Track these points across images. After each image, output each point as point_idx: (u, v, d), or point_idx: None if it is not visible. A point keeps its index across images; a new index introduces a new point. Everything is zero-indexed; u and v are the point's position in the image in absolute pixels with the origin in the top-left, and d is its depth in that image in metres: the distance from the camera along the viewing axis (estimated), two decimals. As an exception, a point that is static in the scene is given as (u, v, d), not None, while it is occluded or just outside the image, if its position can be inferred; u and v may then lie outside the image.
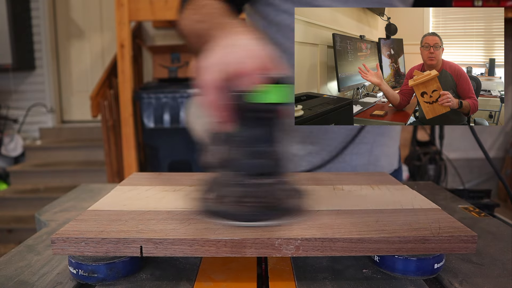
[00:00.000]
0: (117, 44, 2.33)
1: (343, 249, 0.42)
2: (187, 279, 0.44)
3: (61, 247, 0.42)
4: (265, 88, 0.40)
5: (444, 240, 0.42)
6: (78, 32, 3.72)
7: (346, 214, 0.48)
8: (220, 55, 0.42)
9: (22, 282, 0.43)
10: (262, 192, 0.43)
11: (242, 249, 0.41)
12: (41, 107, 3.60)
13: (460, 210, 0.67)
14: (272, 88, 0.40)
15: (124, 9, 2.28)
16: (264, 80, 0.40)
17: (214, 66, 0.41)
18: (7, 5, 3.15)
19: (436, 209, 0.51)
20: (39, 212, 0.67)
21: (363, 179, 0.66)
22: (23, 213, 2.88)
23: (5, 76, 3.45)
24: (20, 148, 3.41)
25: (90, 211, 0.50)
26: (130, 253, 0.42)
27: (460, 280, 0.44)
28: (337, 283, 0.43)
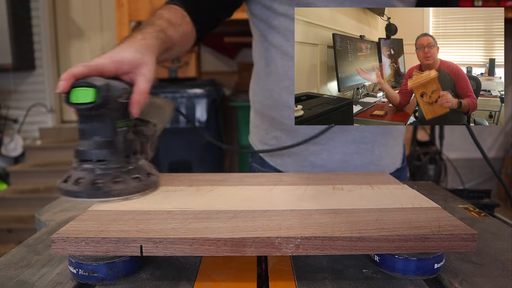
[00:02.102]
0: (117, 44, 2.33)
1: (343, 247, 0.42)
2: (187, 279, 0.44)
3: (61, 247, 0.42)
4: (73, 91, 0.49)
5: (444, 238, 0.42)
6: (78, 32, 3.72)
7: (346, 213, 0.48)
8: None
9: (22, 282, 0.43)
10: (88, 175, 0.51)
11: (242, 248, 0.41)
12: (41, 107, 3.60)
13: (460, 210, 0.67)
14: (76, 90, 0.49)
15: (124, 9, 2.28)
16: (77, 84, 0.49)
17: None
18: (7, 5, 3.15)
19: (436, 207, 0.51)
20: (39, 212, 0.67)
21: (363, 179, 0.66)
22: (23, 213, 2.87)
23: (5, 76, 3.45)
24: (20, 148, 3.41)
25: (90, 211, 0.50)
26: (130, 252, 0.42)
27: (460, 280, 0.44)
28: (337, 283, 0.43)
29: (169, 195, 0.56)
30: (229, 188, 0.60)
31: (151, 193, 0.57)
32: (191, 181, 0.64)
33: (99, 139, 0.52)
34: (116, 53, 0.52)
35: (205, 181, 0.64)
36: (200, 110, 2.52)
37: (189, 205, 0.51)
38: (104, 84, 0.49)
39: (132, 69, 0.52)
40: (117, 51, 0.52)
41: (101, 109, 0.50)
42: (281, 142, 0.82)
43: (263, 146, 0.87)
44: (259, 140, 0.88)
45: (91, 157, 0.51)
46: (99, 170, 0.51)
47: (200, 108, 2.52)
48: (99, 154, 0.51)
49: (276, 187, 0.61)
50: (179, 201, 0.53)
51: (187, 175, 0.68)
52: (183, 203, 0.52)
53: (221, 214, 0.48)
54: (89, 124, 0.51)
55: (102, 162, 0.51)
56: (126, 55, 0.52)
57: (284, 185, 0.62)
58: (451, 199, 0.72)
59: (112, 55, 0.52)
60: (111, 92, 0.50)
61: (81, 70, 0.49)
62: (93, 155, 0.51)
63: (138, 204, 0.52)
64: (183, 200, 0.54)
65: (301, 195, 0.56)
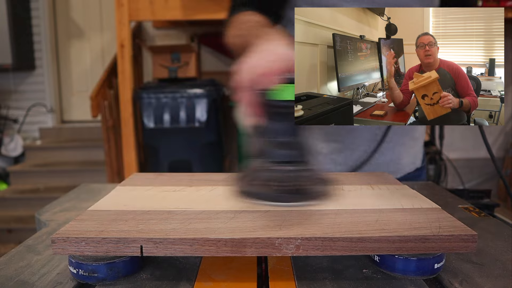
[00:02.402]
0: (117, 44, 2.33)
1: (343, 248, 0.42)
2: (187, 279, 0.44)
3: (61, 247, 0.42)
4: (281, 88, 0.46)
5: (444, 239, 0.42)
6: (78, 32, 3.72)
7: (346, 214, 0.48)
8: (252, 59, 0.49)
9: (22, 282, 0.43)
10: (285, 177, 0.48)
11: (242, 248, 0.41)
12: (41, 107, 3.60)
13: (460, 210, 0.67)
14: (286, 87, 0.46)
15: (124, 9, 2.28)
16: (281, 80, 0.46)
17: (246, 69, 0.48)
18: (7, 5, 3.15)
19: (436, 208, 0.51)
20: (39, 212, 0.67)
21: (363, 179, 0.66)
22: (23, 213, 2.88)
23: (5, 76, 3.45)
24: (20, 148, 3.41)
25: (90, 211, 0.50)
26: (130, 252, 0.42)
27: (460, 280, 0.44)
28: (337, 283, 0.43)
29: (169, 195, 0.56)
30: (229, 188, 0.60)
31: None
32: (191, 181, 0.64)
33: (295, 140, 0.49)
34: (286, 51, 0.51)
35: (205, 181, 0.64)
36: (200, 110, 2.52)
37: (189, 205, 0.51)
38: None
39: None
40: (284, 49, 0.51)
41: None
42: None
43: None
44: None
45: (289, 159, 0.48)
46: (300, 172, 0.48)
47: (200, 108, 2.52)
48: (296, 154, 0.48)
49: (276, 187, 0.61)
50: (179, 201, 0.53)
51: (187, 175, 0.68)
52: (183, 203, 0.52)
53: (221, 214, 0.48)
54: (286, 124, 0.49)
55: (298, 164, 0.48)
56: (291, 54, 0.51)
57: (284, 185, 0.62)
58: (451, 199, 0.72)
59: (287, 52, 0.50)
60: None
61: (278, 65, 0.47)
62: (291, 156, 0.48)
63: (138, 204, 0.52)
64: (183, 200, 0.54)
65: (301, 195, 0.56)
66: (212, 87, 2.57)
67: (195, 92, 2.52)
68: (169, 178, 0.66)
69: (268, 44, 0.53)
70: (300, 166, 0.48)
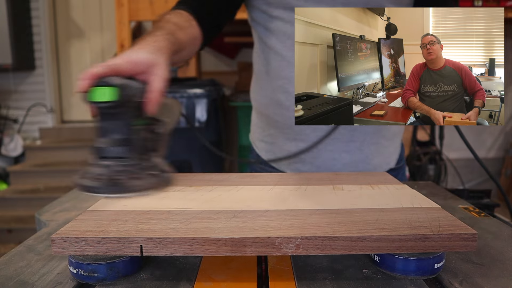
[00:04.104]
0: (117, 44, 2.33)
1: (343, 247, 0.42)
2: (187, 279, 0.44)
3: (61, 247, 0.42)
4: (93, 90, 0.50)
5: (444, 238, 0.42)
6: (78, 32, 3.72)
7: (346, 213, 0.48)
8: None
9: (22, 282, 0.43)
10: (107, 171, 0.51)
11: (242, 248, 0.41)
12: (41, 107, 3.60)
13: (460, 210, 0.67)
14: (96, 89, 0.50)
15: (124, 9, 2.28)
16: (95, 83, 0.50)
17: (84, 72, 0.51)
18: (7, 5, 3.15)
19: (436, 207, 0.51)
20: (39, 212, 0.67)
21: (363, 179, 0.66)
22: (23, 213, 2.87)
23: (5, 76, 3.45)
24: (20, 148, 3.41)
25: (90, 211, 0.50)
26: (130, 252, 0.42)
27: (460, 280, 0.44)
28: (337, 283, 0.43)
29: (169, 195, 0.56)
30: (229, 188, 0.60)
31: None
32: (191, 181, 0.64)
33: (117, 137, 0.53)
34: (130, 54, 0.53)
35: (205, 181, 0.64)
36: (200, 110, 2.51)
37: (189, 205, 0.51)
38: (123, 83, 0.50)
39: (147, 70, 0.54)
40: (132, 53, 0.54)
41: (120, 108, 0.51)
42: (275, 139, 0.86)
43: (260, 143, 0.91)
44: (257, 137, 0.92)
45: (109, 154, 0.52)
46: (117, 167, 0.52)
47: (200, 108, 2.51)
48: (117, 151, 0.52)
49: (276, 187, 0.61)
50: (179, 201, 0.53)
51: (187, 175, 0.68)
52: (183, 203, 0.52)
53: (221, 214, 0.48)
54: (107, 122, 0.53)
55: (120, 159, 0.52)
56: (140, 56, 0.53)
57: (284, 185, 0.62)
58: (451, 199, 0.72)
59: (127, 56, 0.53)
60: (129, 91, 0.51)
61: (100, 70, 0.50)
62: (111, 152, 0.52)
63: (138, 204, 0.52)
64: (183, 200, 0.54)
65: (301, 195, 0.56)
66: (212, 87, 2.57)
67: (195, 92, 2.51)
68: (169, 178, 0.66)
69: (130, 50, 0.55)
70: (120, 161, 0.52)
